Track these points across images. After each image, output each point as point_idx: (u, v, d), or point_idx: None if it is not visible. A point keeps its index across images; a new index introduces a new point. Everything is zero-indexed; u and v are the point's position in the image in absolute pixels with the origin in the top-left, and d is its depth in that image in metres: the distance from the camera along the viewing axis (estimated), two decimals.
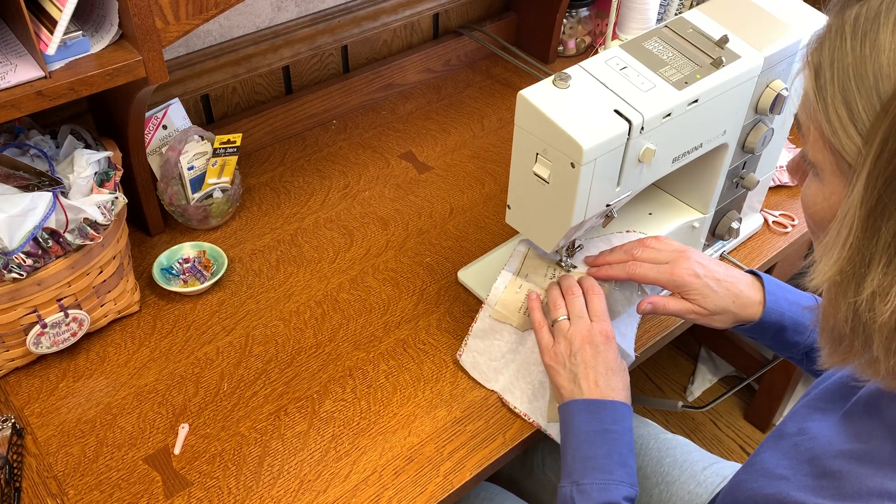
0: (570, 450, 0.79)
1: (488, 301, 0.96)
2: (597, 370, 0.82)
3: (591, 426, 0.79)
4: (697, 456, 1.08)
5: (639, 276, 0.88)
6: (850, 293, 0.53)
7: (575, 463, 0.78)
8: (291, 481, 0.86)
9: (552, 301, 0.88)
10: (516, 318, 0.94)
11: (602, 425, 0.79)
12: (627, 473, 0.77)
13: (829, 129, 0.53)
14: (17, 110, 0.82)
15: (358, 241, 1.16)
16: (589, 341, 0.83)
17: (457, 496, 0.87)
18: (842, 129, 0.52)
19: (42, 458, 0.88)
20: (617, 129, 0.80)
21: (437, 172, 1.29)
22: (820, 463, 0.61)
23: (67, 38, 0.84)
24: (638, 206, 1.07)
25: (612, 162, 0.83)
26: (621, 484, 0.76)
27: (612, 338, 0.84)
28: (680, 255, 0.88)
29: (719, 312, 0.87)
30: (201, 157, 1.13)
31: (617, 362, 0.83)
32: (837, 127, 0.52)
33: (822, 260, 0.54)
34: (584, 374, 0.81)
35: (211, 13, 0.91)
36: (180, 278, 1.08)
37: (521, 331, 0.94)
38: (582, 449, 0.78)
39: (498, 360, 0.95)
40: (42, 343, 0.94)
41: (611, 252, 0.93)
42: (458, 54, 1.53)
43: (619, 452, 0.77)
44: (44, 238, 0.88)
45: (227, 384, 0.96)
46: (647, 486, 1.06)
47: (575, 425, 0.80)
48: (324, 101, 1.37)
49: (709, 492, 1.01)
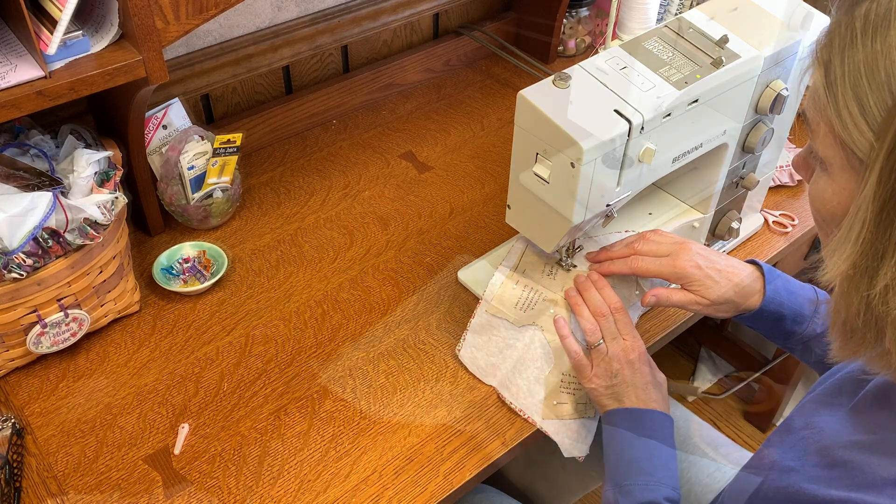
0: (613, 456, 0.81)
1: (485, 296, 0.97)
2: (636, 386, 0.84)
3: (633, 433, 0.81)
4: (723, 440, 1.09)
5: (641, 269, 0.89)
6: (862, 287, 0.53)
7: (618, 467, 0.80)
8: (291, 481, 0.86)
9: (587, 328, 0.88)
10: (512, 314, 0.95)
11: (644, 432, 0.80)
12: (669, 476, 0.78)
13: (839, 125, 0.53)
14: (18, 110, 0.82)
15: (358, 240, 1.16)
16: (626, 361, 0.85)
17: (457, 496, 0.87)
18: (853, 125, 0.52)
19: (42, 457, 0.88)
20: (617, 129, 0.80)
21: (437, 172, 1.29)
22: (829, 454, 0.60)
23: (67, 38, 0.84)
24: (638, 206, 1.07)
25: (612, 162, 0.83)
26: (663, 485, 0.77)
27: (644, 353, 0.86)
28: (680, 247, 0.88)
29: (722, 302, 0.87)
30: (201, 156, 1.13)
31: (653, 376, 0.85)
32: (849, 123, 0.53)
33: (834, 254, 0.55)
34: (626, 392, 0.84)
35: (211, 13, 0.91)
36: (180, 278, 1.08)
37: (518, 326, 0.94)
38: (625, 454, 0.80)
39: (495, 356, 0.95)
40: (42, 343, 0.94)
41: (611, 247, 0.93)
42: (459, 54, 1.53)
43: (661, 457, 0.79)
44: (44, 238, 0.88)
45: (227, 384, 0.96)
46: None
47: (618, 432, 0.81)
48: (324, 100, 1.37)
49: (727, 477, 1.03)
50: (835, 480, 0.58)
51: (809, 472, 0.61)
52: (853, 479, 0.57)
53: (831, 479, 0.58)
